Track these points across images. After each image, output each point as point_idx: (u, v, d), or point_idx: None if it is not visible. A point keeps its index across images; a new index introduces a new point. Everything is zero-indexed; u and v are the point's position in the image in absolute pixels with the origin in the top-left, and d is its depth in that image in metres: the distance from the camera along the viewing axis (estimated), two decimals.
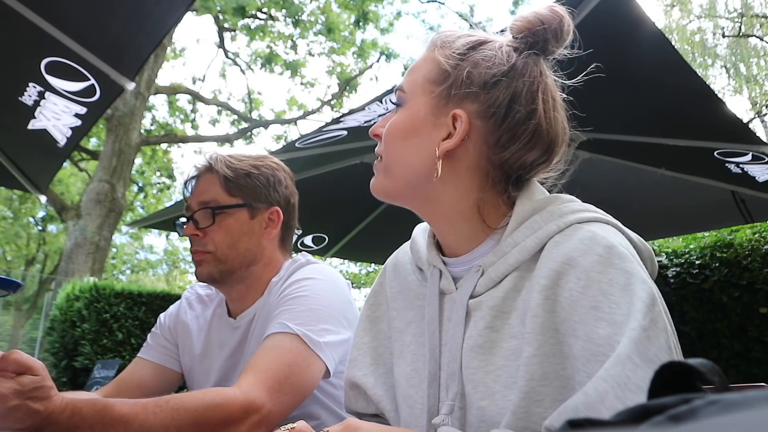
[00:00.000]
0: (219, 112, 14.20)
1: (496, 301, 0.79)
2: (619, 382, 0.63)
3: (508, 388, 0.74)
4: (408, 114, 0.84)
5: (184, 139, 13.09)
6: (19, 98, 2.38)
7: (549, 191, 0.89)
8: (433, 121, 0.82)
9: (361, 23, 12.37)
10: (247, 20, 12.04)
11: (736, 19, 13.43)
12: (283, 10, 12.01)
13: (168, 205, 8.80)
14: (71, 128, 2.52)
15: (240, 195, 1.34)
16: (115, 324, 4.64)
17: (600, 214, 0.81)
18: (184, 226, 1.37)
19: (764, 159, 2.91)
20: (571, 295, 0.71)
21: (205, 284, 1.51)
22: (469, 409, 0.78)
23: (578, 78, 0.89)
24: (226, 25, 12.30)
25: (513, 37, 0.84)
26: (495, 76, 0.81)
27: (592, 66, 0.87)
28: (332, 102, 13.97)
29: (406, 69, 0.94)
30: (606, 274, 0.70)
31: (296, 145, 3.22)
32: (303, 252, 1.44)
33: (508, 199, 0.84)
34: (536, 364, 0.71)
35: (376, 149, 0.88)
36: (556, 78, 0.87)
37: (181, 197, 1.48)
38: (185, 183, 1.41)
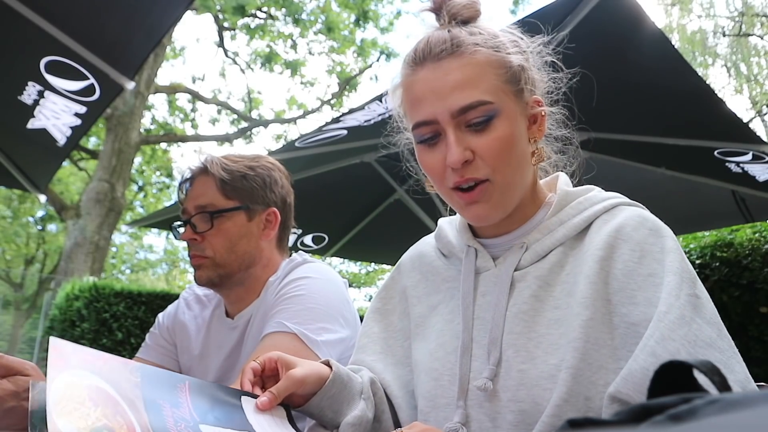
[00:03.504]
0: (219, 112, 14.19)
1: (541, 272, 0.83)
2: (689, 339, 0.68)
3: (549, 353, 0.77)
4: (508, 122, 0.81)
5: (184, 139, 13.08)
6: (19, 97, 2.38)
7: None
8: (523, 116, 0.84)
9: (361, 22, 12.36)
10: (246, 19, 12.03)
11: (737, 18, 13.42)
12: (283, 9, 12.00)
13: (168, 204, 8.79)
14: (71, 127, 2.51)
15: (237, 197, 1.33)
16: (114, 323, 4.64)
17: (638, 203, 0.87)
18: (181, 230, 1.35)
19: (764, 158, 2.91)
20: (626, 266, 0.76)
21: None
22: (507, 372, 0.80)
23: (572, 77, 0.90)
24: (225, 24, 12.29)
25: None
26: (530, 63, 0.87)
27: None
28: (332, 101, 13.97)
29: None
30: (657, 245, 0.77)
31: (296, 144, 3.22)
32: (300, 251, 1.43)
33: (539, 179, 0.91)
34: (592, 327, 0.75)
35: (470, 175, 0.80)
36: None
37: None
38: (180, 185, 1.38)
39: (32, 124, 2.51)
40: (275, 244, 1.40)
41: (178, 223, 1.38)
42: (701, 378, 0.38)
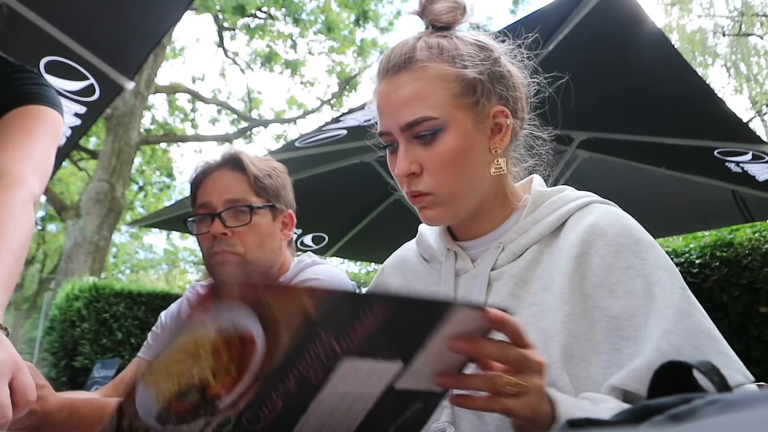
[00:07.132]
0: (219, 112, 14.19)
1: (517, 270, 0.84)
2: (690, 332, 0.71)
3: None
4: (457, 135, 0.82)
5: (184, 139, 13.08)
6: None
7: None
8: (479, 128, 0.84)
9: (360, 22, 12.36)
10: (246, 19, 12.03)
11: (737, 18, 13.42)
12: (283, 9, 12.00)
13: (168, 204, 8.79)
14: (70, 127, 2.51)
15: (265, 196, 1.32)
16: (114, 324, 4.64)
17: (610, 202, 0.89)
18: (200, 224, 1.31)
19: (764, 158, 2.91)
20: (604, 261, 0.79)
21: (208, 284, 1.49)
22: None
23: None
24: (225, 24, 12.29)
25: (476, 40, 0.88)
26: (501, 69, 0.87)
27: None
28: (332, 101, 13.97)
29: None
30: (633, 237, 0.79)
31: (296, 144, 3.22)
32: (308, 252, 1.43)
33: (514, 182, 0.93)
34: (573, 322, 0.77)
35: (414, 188, 0.83)
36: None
37: (182, 196, 1.46)
38: (201, 175, 1.33)
39: None
40: (287, 246, 1.42)
41: (192, 218, 1.35)
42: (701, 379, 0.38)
